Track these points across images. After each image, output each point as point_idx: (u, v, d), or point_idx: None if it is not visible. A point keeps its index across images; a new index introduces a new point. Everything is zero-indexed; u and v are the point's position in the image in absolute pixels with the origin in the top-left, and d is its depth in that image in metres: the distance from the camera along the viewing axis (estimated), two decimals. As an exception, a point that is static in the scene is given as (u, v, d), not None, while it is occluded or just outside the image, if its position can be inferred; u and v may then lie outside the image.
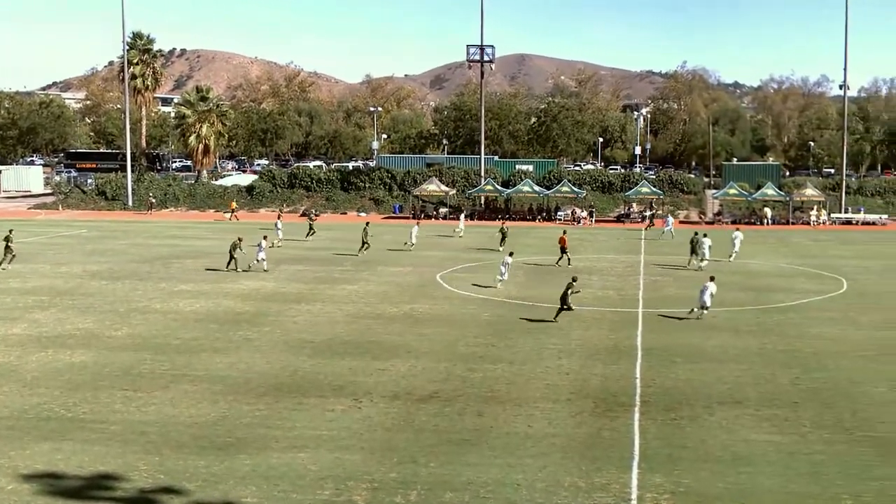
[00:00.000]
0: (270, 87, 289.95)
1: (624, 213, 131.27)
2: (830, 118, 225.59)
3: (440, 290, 65.79)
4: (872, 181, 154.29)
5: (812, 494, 28.62)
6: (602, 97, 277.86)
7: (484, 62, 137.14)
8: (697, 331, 52.25)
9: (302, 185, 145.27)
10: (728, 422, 35.73)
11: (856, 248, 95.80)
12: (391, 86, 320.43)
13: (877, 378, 42.40)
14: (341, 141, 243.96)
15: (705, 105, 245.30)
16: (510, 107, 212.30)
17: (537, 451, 32.08)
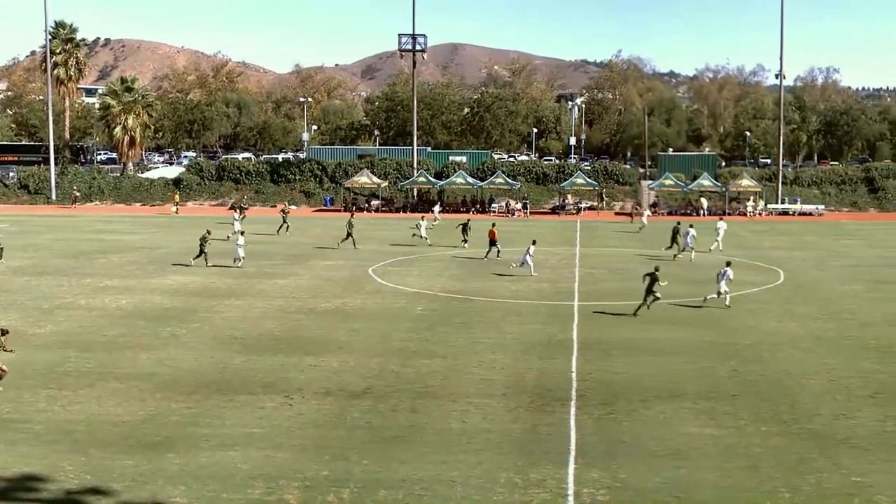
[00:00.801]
0: (197, 78, 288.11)
1: (559, 204, 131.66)
2: (766, 108, 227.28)
3: (372, 283, 65.69)
4: (809, 171, 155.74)
5: (749, 488, 28.81)
6: (536, 87, 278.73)
7: (416, 52, 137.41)
8: (634, 324, 52.48)
9: (230, 177, 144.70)
10: (665, 415, 35.91)
11: (792, 238, 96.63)
12: (321, 76, 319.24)
13: (813, 370, 42.75)
14: (271, 132, 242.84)
15: (640, 95, 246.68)
16: (443, 97, 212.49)
17: (472, 447, 32.07)
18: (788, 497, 28.14)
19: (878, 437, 33.77)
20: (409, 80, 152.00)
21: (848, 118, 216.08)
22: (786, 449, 32.30)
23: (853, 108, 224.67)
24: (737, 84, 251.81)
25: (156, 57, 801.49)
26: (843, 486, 29.04)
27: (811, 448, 32.42)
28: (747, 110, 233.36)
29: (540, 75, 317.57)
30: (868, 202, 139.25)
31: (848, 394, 38.98)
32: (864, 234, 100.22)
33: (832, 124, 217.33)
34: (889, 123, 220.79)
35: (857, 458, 31.38)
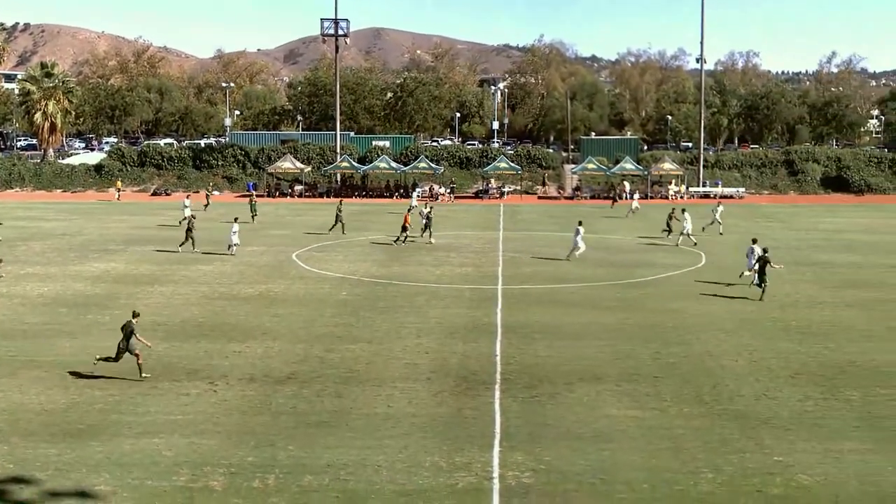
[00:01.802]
0: (118, 63, 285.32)
1: (482, 188, 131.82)
2: (688, 92, 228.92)
3: (296, 269, 65.48)
4: (729, 155, 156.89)
5: (672, 469, 29.04)
6: (459, 72, 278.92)
7: (338, 36, 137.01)
8: (557, 307, 52.68)
9: (153, 163, 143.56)
10: (589, 398, 36.09)
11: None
12: (244, 61, 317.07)
13: (735, 351, 43.14)
14: (193, 118, 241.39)
15: (563, 79, 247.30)
16: (366, 82, 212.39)
17: (398, 431, 32.11)
18: (711, 477, 28.41)
19: (799, 416, 34.17)
20: (332, 65, 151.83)
21: (768, 102, 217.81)
22: (708, 430, 32.60)
23: (773, 92, 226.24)
24: (658, 68, 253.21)
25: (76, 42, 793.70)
26: (764, 465, 29.36)
27: (733, 428, 32.73)
28: (669, 94, 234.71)
29: (463, 60, 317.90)
30: (788, 185, 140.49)
31: (769, 374, 39.37)
32: (783, 216, 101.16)
33: (752, 108, 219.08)
34: (808, 107, 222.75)
35: (779, 438, 31.73)
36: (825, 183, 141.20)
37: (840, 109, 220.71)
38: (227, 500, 26.50)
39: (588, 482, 27.95)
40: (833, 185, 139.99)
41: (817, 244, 79.42)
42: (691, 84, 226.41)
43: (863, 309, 53.18)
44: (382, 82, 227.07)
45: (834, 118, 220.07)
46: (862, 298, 56.12)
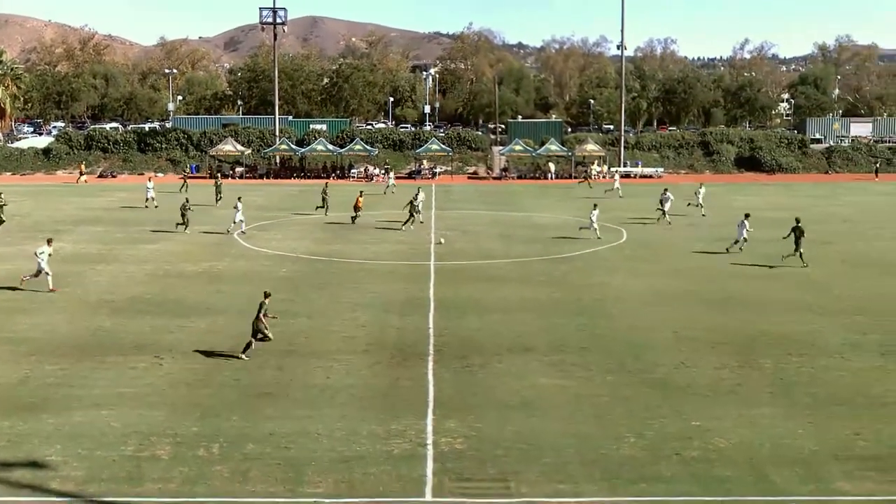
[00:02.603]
0: (65, 51, 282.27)
1: (415, 169, 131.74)
2: (609, 77, 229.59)
3: (237, 247, 65.18)
4: (649, 136, 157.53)
5: (597, 434, 29.23)
6: (392, 58, 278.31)
7: (276, 24, 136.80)
8: (488, 282, 52.78)
9: (99, 146, 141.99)
10: (517, 368, 36.23)
11: (634, 200, 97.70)
12: (186, 48, 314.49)
13: (656, 323, 43.43)
14: (137, 103, 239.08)
15: (491, 65, 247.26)
16: (303, 68, 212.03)
17: (336, 401, 32.12)
18: (633, 442, 28.61)
19: (716, 384, 34.49)
20: (271, 52, 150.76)
21: (685, 86, 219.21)
22: (631, 397, 32.83)
23: (689, 77, 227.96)
24: (581, 55, 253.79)
25: (24, 31, 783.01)
26: (684, 430, 29.62)
27: (655, 396, 32.97)
28: (591, 79, 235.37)
29: (396, 47, 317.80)
30: (704, 165, 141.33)
31: (688, 345, 39.68)
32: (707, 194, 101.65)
33: (670, 92, 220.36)
34: (722, 91, 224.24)
35: (697, 405, 32.02)
36: (739, 163, 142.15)
37: (752, 93, 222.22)
38: (173, 468, 26.41)
39: (517, 448, 28.07)
40: (746, 164, 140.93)
41: (732, 221, 79.92)
42: (612, 69, 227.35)
43: (775, 281, 53.68)
44: (319, 68, 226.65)
45: (747, 101, 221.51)
46: (775, 272, 56.64)
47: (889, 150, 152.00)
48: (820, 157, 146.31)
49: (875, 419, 30.81)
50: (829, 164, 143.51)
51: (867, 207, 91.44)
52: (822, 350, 38.92)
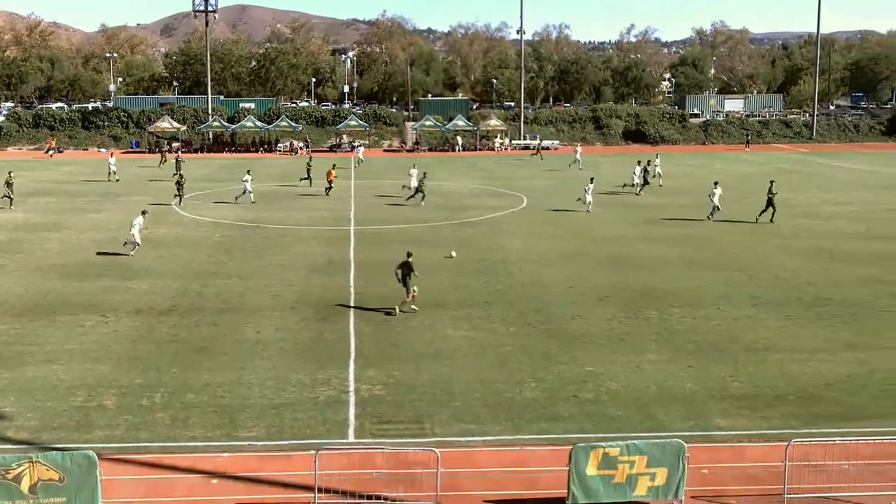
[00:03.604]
0: (13, 37, 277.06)
1: (336, 143, 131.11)
2: (510, 59, 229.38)
3: (175, 216, 64.57)
4: (546, 112, 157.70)
5: (501, 380, 29.43)
6: (314, 42, 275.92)
7: (208, 12, 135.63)
8: (403, 245, 52.57)
9: (46, 124, 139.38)
10: (430, 322, 36.32)
11: (532, 169, 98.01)
12: (125, 34, 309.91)
13: (554, 280, 43.71)
14: (81, 84, 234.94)
15: (403, 49, 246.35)
16: (233, 52, 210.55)
17: (267, 354, 32.06)
18: (534, 386, 28.86)
19: (607, 333, 34.86)
20: (203, 37, 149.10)
21: (577, 67, 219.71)
22: (532, 346, 33.06)
23: (581, 59, 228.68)
24: (484, 39, 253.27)
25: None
26: (579, 374, 29.91)
27: (553, 345, 33.24)
28: (494, 61, 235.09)
29: (317, 32, 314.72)
30: (595, 137, 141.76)
31: (582, 299, 40.01)
32: (592, 164, 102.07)
33: (564, 72, 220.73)
34: (611, 71, 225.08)
35: (591, 352, 32.33)
36: (626, 135, 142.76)
37: (638, 73, 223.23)
38: (118, 416, 26.26)
39: (430, 393, 28.20)
40: (633, 137, 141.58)
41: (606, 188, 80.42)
42: (512, 52, 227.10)
43: (661, 242, 54.17)
44: (248, 52, 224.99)
45: (633, 81, 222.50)
46: (660, 233, 57.18)
47: (759, 123, 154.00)
48: (698, 129, 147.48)
49: (747, 363, 31.32)
50: (705, 136, 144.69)
51: (739, 175, 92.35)
52: (702, 302, 39.43)
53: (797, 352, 32.65)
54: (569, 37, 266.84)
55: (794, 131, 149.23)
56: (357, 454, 22.79)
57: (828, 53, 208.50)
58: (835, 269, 46.84)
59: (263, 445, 24.48)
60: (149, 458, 23.60)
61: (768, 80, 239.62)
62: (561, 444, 23.63)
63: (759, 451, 24.12)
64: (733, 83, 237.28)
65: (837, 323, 36.59)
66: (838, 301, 40.01)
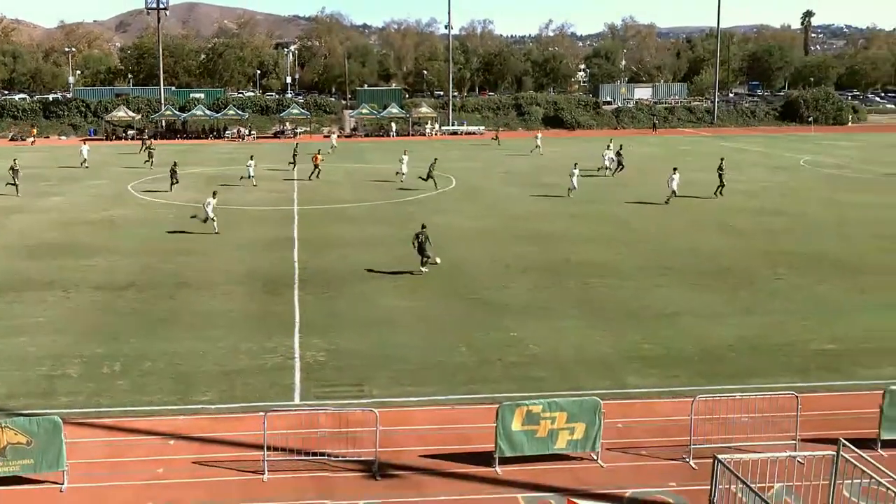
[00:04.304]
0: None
1: (279, 130, 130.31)
2: (439, 52, 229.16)
3: (133, 198, 63.90)
4: (472, 100, 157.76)
5: (436, 345, 29.54)
6: (258, 37, 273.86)
7: (160, 9, 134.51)
8: (343, 223, 52.66)
9: (10, 114, 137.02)
10: (369, 293, 36.32)
11: (461, 153, 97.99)
12: (82, 30, 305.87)
13: (481, 256, 43.84)
14: (42, 77, 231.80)
15: (341, 43, 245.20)
16: (183, 46, 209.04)
17: (219, 325, 31.91)
18: (464, 351, 29.00)
19: (528, 302, 35.11)
20: (155, 33, 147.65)
21: (500, 59, 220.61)
22: (462, 315, 33.21)
23: (504, 52, 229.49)
24: (416, 33, 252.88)
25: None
26: (504, 339, 30.11)
27: (481, 313, 33.41)
28: (424, 54, 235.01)
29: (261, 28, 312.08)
30: (517, 123, 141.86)
31: (507, 271, 40.20)
32: (515, 148, 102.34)
33: (489, 64, 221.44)
34: (531, 63, 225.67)
35: (514, 319, 32.52)
36: (546, 121, 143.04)
37: (555, 65, 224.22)
38: (81, 384, 26.08)
39: (369, 358, 28.27)
40: (552, 123, 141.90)
41: (541, 169, 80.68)
42: (441, 46, 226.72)
43: (579, 219, 54.52)
44: (197, 47, 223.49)
45: (551, 71, 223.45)
46: (578, 210, 57.51)
47: (665, 109, 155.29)
48: (610, 115, 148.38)
49: (657, 327, 31.68)
50: (617, 121, 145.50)
51: (648, 156, 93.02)
52: (617, 273, 39.77)
53: (702, 317, 33.08)
54: (492, 31, 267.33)
55: (697, 117, 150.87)
56: (302, 415, 22.78)
57: (727, 46, 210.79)
58: (735, 241, 47.44)
59: (216, 409, 24.43)
60: (110, 422, 23.45)
61: (674, 70, 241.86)
62: (489, 403, 23.77)
63: (668, 407, 24.43)
64: (642, 73, 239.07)
65: (737, 290, 37.08)
66: (738, 271, 40.55)
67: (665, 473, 20.71)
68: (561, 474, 20.60)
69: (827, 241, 47.63)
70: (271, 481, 20.17)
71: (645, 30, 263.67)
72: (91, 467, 20.76)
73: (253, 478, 20.31)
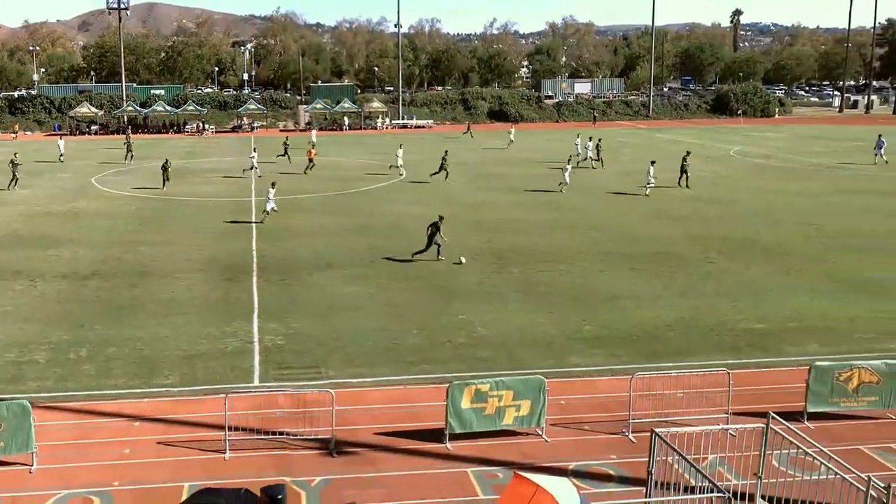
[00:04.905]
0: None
1: (237, 125, 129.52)
2: (389, 49, 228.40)
3: (95, 190, 63.22)
4: (421, 95, 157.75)
5: (389, 328, 29.52)
6: (216, 36, 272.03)
7: (121, 9, 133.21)
8: (299, 213, 52.42)
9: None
10: (324, 280, 36.22)
11: (411, 145, 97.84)
12: (46, 29, 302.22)
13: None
14: (7, 74, 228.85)
15: (295, 41, 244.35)
16: (144, 45, 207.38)
17: (181, 311, 31.69)
18: (416, 333, 29.01)
19: (477, 287, 35.17)
20: (117, 32, 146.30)
21: (447, 56, 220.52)
22: (415, 300, 33.19)
23: (451, 49, 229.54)
24: (367, 32, 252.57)
25: None
26: (454, 322, 30.14)
27: (433, 298, 33.41)
28: (375, 51, 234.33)
29: (219, 27, 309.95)
30: (464, 117, 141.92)
31: (455, 257, 40.15)
32: (463, 141, 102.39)
33: (436, 61, 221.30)
34: (477, 59, 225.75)
35: (464, 303, 32.56)
36: (491, 115, 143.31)
37: (500, 61, 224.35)
38: (48, 369, 25.82)
39: (325, 341, 28.20)
40: (497, 116, 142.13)
41: (490, 161, 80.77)
42: (391, 43, 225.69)
43: (525, 208, 54.63)
44: (157, 45, 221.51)
45: (496, 67, 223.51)
46: (524, 199, 57.64)
47: (604, 103, 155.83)
48: (552, 109, 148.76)
49: (598, 310, 31.84)
50: (558, 114, 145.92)
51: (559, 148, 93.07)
52: (560, 258, 39.88)
53: (641, 299, 33.29)
54: (440, 30, 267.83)
55: (634, 110, 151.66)
56: (262, 396, 22.71)
57: (661, 43, 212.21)
58: (670, 228, 47.77)
59: (179, 391, 24.26)
60: (77, 406, 23.24)
61: (611, 66, 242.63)
62: (439, 382, 23.78)
63: (608, 384, 24.56)
64: (581, 69, 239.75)
65: (673, 274, 37.36)
66: (674, 256, 40.85)
67: (606, 447, 20.84)
68: (508, 449, 20.67)
69: (755, 227, 48.10)
70: (232, 460, 20.08)
71: (584, 28, 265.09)
72: (59, 449, 20.56)
73: (215, 457, 20.21)
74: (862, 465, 17.87)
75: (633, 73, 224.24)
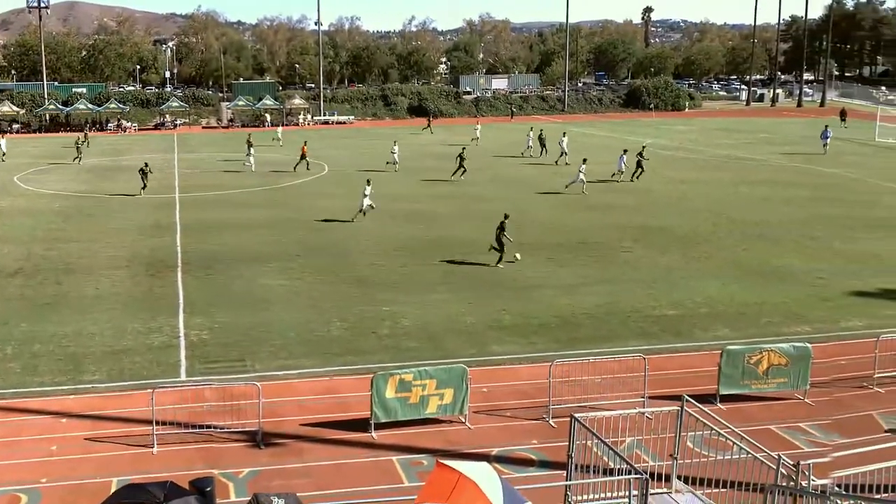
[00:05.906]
0: None
1: (160, 122, 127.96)
2: (309, 46, 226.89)
3: (18, 188, 61.88)
4: (342, 92, 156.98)
5: (313, 321, 29.43)
6: (137, 34, 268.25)
7: (41, 8, 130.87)
8: (224, 208, 51.91)
9: None
10: (250, 274, 35.96)
11: (332, 141, 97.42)
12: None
13: (355, 234, 43.81)
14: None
15: (217, 39, 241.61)
16: (65, 43, 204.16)
17: (105, 307, 31.25)
18: (340, 325, 29.00)
19: (401, 278, 35.22)
20: (37, 31, 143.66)
21: (367, 53, 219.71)
22: (338, 292, 33.13)
23: (371, 46, 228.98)
24: (287, 29, 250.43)
25: None
26: (378, 314, 30.15)
27: (356, 290, 33.38)
28: (296, 48, 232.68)
29: (140, 25, 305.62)
30: (384, 113, 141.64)
31: (380, 249, 40.23)
32: (384, 136, 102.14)
33: (357, 58, 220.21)
34: (396, 56, 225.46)
35: (388, 294, 32.58)
36: (411, 111, 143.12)
37: (419, 58, 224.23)
38: (-27, 368, 25.29)
39: (251, 335, 28.05)
40: (416, 112, 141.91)
41: (413, 155, 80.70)
42: (312, 41, 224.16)
43: (447, 199, 54.71)
44: (78, 44, 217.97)
45: (415, 64, 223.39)
46: (446, 192, 57.72)
47: (520, 98, 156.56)
48: (470, 105, 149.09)
49: (516, 299, 32.05)
50: (477, 110, 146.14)
51: (504, 141, 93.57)
52: (480, 249, 39.91)
53: (559, 287, 33.58)
54: (360, 27, 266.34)
55: (550, 105, 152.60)
56: (189, 390, 22.50)
57: (575, 39, 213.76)
58: (588, 217, 48.26)
59: (106, 387, 23.96)
60: (3, 403, 22.82)
61: (527, 62, 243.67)
62: (364, 373, 23.76)
63: (529, 371, 24.73)
64: (498, 65, 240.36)
65: (591, 262, 37.76)
66: (591, 244, 41.30)
67: (527, 432, 20.99)
68: (432, 437, 20.73)
69: (668, 216, 48.76)
70: (160, 454, 19.87)
71: (500, 25, 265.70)
72: (-15, 447, 20.19)
73: (143, 451, 19.99)
74: (772, 444, 18.18)
75: (549, 68, 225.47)
